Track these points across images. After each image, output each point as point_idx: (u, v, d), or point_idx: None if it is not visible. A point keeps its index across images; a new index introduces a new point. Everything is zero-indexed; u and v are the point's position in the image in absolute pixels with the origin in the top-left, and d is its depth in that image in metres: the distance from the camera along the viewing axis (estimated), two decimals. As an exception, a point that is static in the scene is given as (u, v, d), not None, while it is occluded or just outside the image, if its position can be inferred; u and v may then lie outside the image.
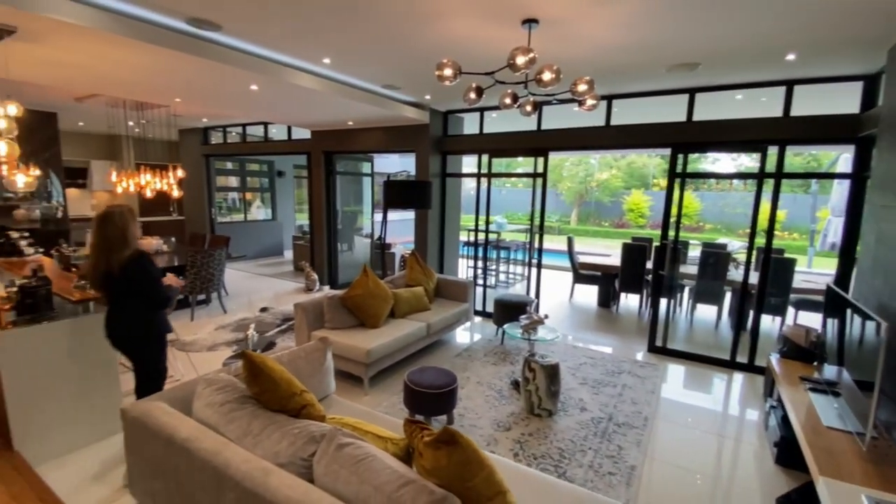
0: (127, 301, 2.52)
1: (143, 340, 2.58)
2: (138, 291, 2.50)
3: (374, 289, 4.10)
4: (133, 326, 2.54)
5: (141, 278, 2.47)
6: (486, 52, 3.38)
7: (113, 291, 2.50)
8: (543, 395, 3.33)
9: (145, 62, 3.39)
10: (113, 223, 2.41)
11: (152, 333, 2.59)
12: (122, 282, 2.45)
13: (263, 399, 2.00)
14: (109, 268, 2.42)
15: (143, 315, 2.54)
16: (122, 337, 2.57)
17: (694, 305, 6.33)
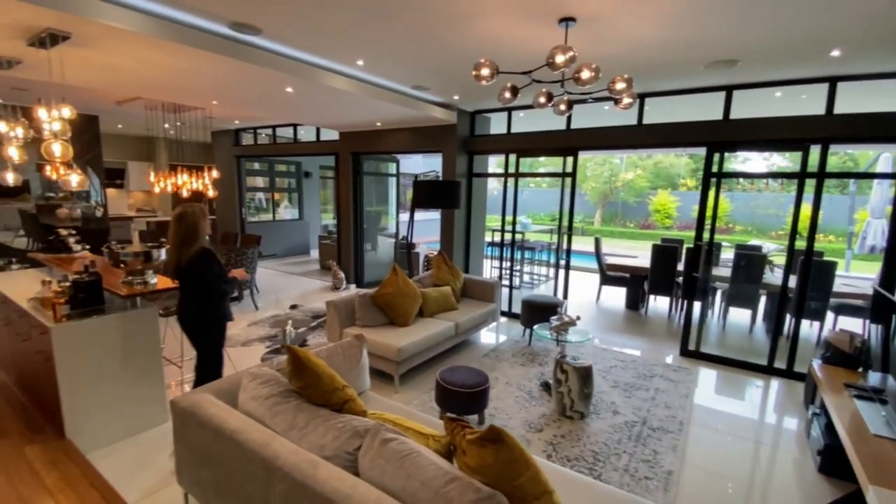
0: (191, 291, 2.77)
1: (204, 327, 2.81)
2: (199, 283, 2.72)
3: (403, 287, 4.14)
4: (196, 314, 2.78)
5: (203, 271, 2.69)
6: (521, 51, 3.37)
7: (182, 284, 2.77)
8: (576, 398, 3.30)
9: (189, 66, 3.51)
10: (187, 221, 2.68)
11: (213, 321, 2.82)
12: (188, 273, 2.69)
13: (307, 393, 2.04)
14: (180, 262, 2.68)
15: (203, 304, 2.77)
16: (188, 323, 2.82)
17: (726, 309, 6.17)
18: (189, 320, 2.79)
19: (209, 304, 2.77)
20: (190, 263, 2.66)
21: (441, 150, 5.97)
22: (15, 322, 3.10)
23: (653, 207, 18.58)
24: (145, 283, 3.00)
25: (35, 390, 3.02)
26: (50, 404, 2.78)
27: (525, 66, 3.49)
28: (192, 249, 2.66)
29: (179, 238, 2.68)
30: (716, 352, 4.76)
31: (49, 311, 2.74)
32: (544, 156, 6.04)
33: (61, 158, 2.90)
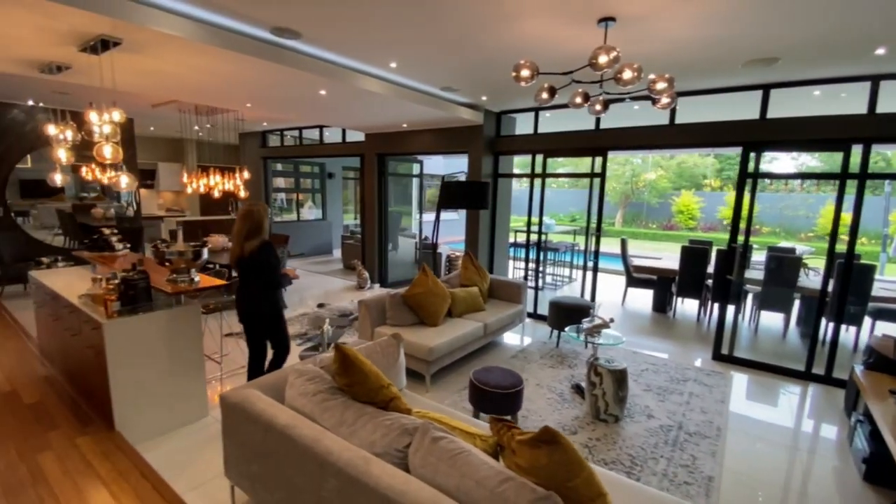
0: (252, 281, 3.01)
1: (271, 316, 3.09)
2: (261, 272, 2.97)
3: (433, 288, 4.16)
4: (259, 303, 3.03)
5: (264, 262, 2.95)
6: (558, 51, 3.36)
7: (243, 273, 3.01)
8: (610, 401, 3.27)
9: (230, 70, 3.60)
10: (253, 217, 2.95)
11: (276, 309, 3.10)
12: (250, 263, 2.95)
13: (353, 390, 2.08)
14: (243, 253, 2.94)
15: (263, 293, 3.03)
16: (250, 313, 3.06)
17: (758, 312, 6.03)
18: (252, 309, 3.03)
19: (269, 292, 3.04)
20: (252, 254, 2.92)
21: (467, 150, 5.98)
22: (65, 318, 3.22)
23: (676, 208, 18.25)
24: (191, 280, 3.09)
25: (84, 383, 3.14)
26: (99, 397, 2.88)
27: (561, 67, 3.48)
28: (255, 242, 2.93)
29: (245, 231, 2.94)
30: (749, 356, 4.65)
31: (100, 307, 2.85)
32: (572, 156, 6.00)
33: (111, 160, 3.01)
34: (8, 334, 4.52)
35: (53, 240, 7.45)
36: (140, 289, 2.80)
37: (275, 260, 2.99)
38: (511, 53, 3.49)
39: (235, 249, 2.97)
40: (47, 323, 3.69)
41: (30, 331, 4.55)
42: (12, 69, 3.69)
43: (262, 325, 3.10)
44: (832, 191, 16.32)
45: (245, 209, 2.98)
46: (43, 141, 6.73)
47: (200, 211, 11.34)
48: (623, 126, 5.04)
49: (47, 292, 3.51)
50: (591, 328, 3.68)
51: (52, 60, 3.39)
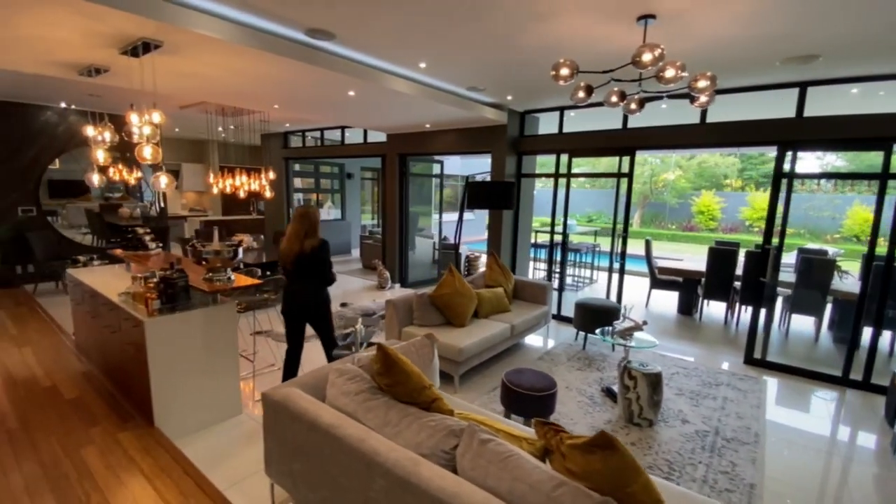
0: (309, 277, 3.20)
1: (322, 309, 3.31)
2: (318, 270, 3.19)
3: (460, 288, 4.15)
4: (314, 298, 3.25)
5: (323, 260, 3.19)
6: (593, 49, 3.32)
7: (299, 270, 3.17)
8: (644, 405, 3.22)
9: (264, 72, 3.63)
10: (308, 217, 3.17)
11: (327, 303, 3.33)
12: (311, 261, 3.15)
13: (395, 391, 2.07)
14: (302, 250, 3.13)
15: (319, 288, 3.26)
16: (304, 307, 3.25)
17: (789, 316, 5.88)
18: (306, 303, 3.24)
19: (323, 287, 3.28)
20: (313, 251, 3.14)
21: (490, 150, 5.95)
22: (104, 315, 3.29)
23: (696, 209, 17.94)
24: (227, 279, 3.12)
25: (123, 379, 3.20)
26: (139, 393, 2.93)
27: (596, 65, 3.44)
28: (314, 240, 3.16)
29: (303, 231, 3.15)
30: (782, 360, 4.54)
31: (140, 305, 2.90)
32: (598, 156, 5.93)
33: (152, 160, 3.06)
34: (45, 331, 4.64)
35: (83, 239, 7.62)
36: (179, 287, 2.84)
37: (328, 257, 3.24)
38: (543, 52, 3.46)
39: (294, 247, 3.13)
40: (85, 320, 3.78)
41: (65, 327, 4.67)
42: (52, 71, 3.78)
43: (313, 318, 3.30)
44: (862, 191, 15.89)
45: (301, 210, 3.20)
46: (75, 142, 6.92)
47: (222, 211, 11.52)
48: (651, 125, 4.96)
49: (86, 290, 3.59)
50: (623, 331, 3.62)
51: (91, 63, 3.46)
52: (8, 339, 4.37)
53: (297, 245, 3.13)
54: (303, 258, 3.14)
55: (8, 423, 2.87)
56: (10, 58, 3.44)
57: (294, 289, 3.22)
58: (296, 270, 3.18)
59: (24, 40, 3.02)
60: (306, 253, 3.13)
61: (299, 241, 3.13)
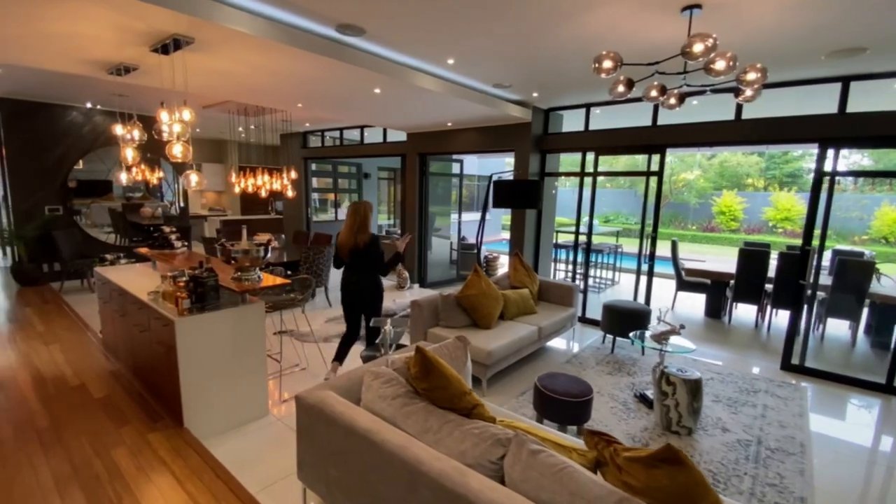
0: (362, 270, 3.52)
1: (375, 298, 3.60)
2: (372, 262, 3.49)
3: (486, 289, 4.06)
4: (369, 287, 3.55)
5: (375, 253, 3.47)
6: (631, 42, 3.20)
7: (354, 262, 3.50)
8: (684, 412, 3.09)
9: (291, 68, 3.59)
10: (359, 213, 3.45)
11: (380, 292, 3.62)
12: (362, 255, 3.45)
13: (434, 395, 1.99)
14: (355, 244, 3.43)
15: (372, 278, 3.55)
16: (358, 296, 3.57)
17: (825, 320, 5.66)
18: (361, 292, 3.56)
19: (376, 276, 3.57)
20: (366, 245, 3.43)
21: (514, 148, 5.85)
22: (132, 314, 3.28)
23: (717, 209, 17.55)
24: (258, 279, 3.08)
25: (152, 379, 3.18)
26: (169, 393, 2.91)
27: (635, 59, 3.32)
28: (367, 235, 3.44)
29: (357, 226, 3.44)
30: (821, 366, 4.35)
31: (170, 304, 2.87)
32: (626, 154, 5.79)
33: (182, 159, 3.03)
34: (72, 328, 4.68)
35: (107, 237, 7.72)
36: (209, 287, 2.80)
37: (381, 251, 3.53)
38: (578, 47, 3.35)
39: (349, 241, 3.45)
40: (113, 318, 3.78)
41: (92, 325, 4.70)
42: (82, 70, 3.79)
43: (365, 307, 3.60)
44: (883, 191, 15.38)
45: (353, 207, 3.48)
46: (100, 142, 7.00)
47: (241, 210, 11.60)
48: (682, 122, 4.81)
49: (114, 288, 3.59)
50: (658, 335, 3.49)
51: (121, 61, 3.46)
52: (36, 336, 4.41)
53: (351, 239, 3.43)
54: (356, 251, 3.44)
55: (38, 423, 2.87)
56: (40, 56, 3.46)
57: (350, 280, 3.55)
58: (351, 263, 3.51)
59: (55, 37, 3.01)
60: (359, 247, 3.42)
61: (353, 235, 3.43)
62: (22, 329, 4.62)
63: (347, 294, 3.58)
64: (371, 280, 3.55)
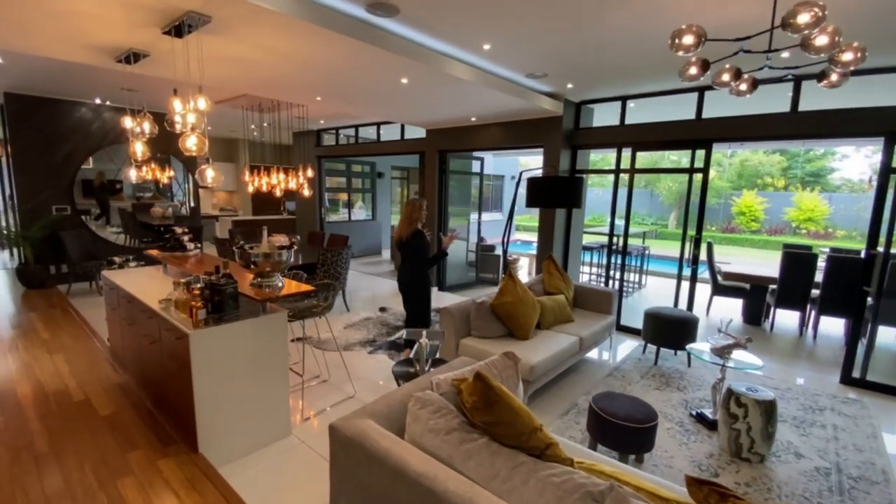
0: (406, 262, 3.89)
1: (408, 290, 3.90)
2: (411, 255, 3.84)
3: (523, 296, 3.73)
4: (404, 279, 3.91)
5: (415, 246, 3.81)
6: (701, 19, 2.86)
7: (401, 253, 3.89)
8: (757, 437, 2.74)
9: (314, 55, 3.28)
10: (406, 209, 3.86)
11: (418, 285, 3.89)
12: (405, 248, 3.84)
13: (496, 431, 1.68)
14: (401, 236, 3.81)
15: (411, 271, 3.87)
16: (402, 286, 3.92)
17: (873, 329, 5.26)
18: (403, 283, 3.90)
19: (415, 270, 3.85)
20: (407, 239, 3.79)
21: (542, 144, 5.51)
22: (142, 323, 2.99)
23: (737, 209, 17.06)
24: (280, 285, 2.78)
25: (163, 396, 2.89)
26: (181, 414, 2.61)
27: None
28: (409, 230, 3.78)
29: (403, 220, 3.86)
30: (885, 380, 3.97)
31: (182, 314, 2.58)
32: (667, 149, 5.45)
33: (196, 152, 2.74)
34: (78, 335, 4.41)
35: (118, 238, 7.49)
36: (228, 295, 2.50)
37: (421, 245, 3.82)
38: (631, 30, 3.02)
39: (397, 233, 3.86)
40: (121, 327, 3.50)
41: (100, 332, 4.43)
42: (87, 58, 3.51)
43: (404, 297, 3.92)
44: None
45: (409, 201, 3.87)
46: (109, 140, 6.76)
47: (253, 210, 11.36)
48: (730, 115, 4.45)
49: (122, 294, 3.31)
50: (721, 348, 3.14)
51: (131, 47, 3.17)
52: (40, 344, 4.15)
53: (398, 232, 3.85)
54: (400, 244, 3.83)
55: (37, 446, 2.58)
56: (42, 41, 3.17)
57: (399, 270, 3.98)
58: (400, 255, 3.92)
59: (57, 17, 2.72)
60: (403, 240, 3.81)
61: (400, 228, 3.84)
62: (25, 335, 4.36)
63: (399, 288, 3.98)
64: (407, 272, 3.87)
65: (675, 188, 17.71)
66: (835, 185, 16.77)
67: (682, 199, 17.97)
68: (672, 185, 17.67)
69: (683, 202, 18.19)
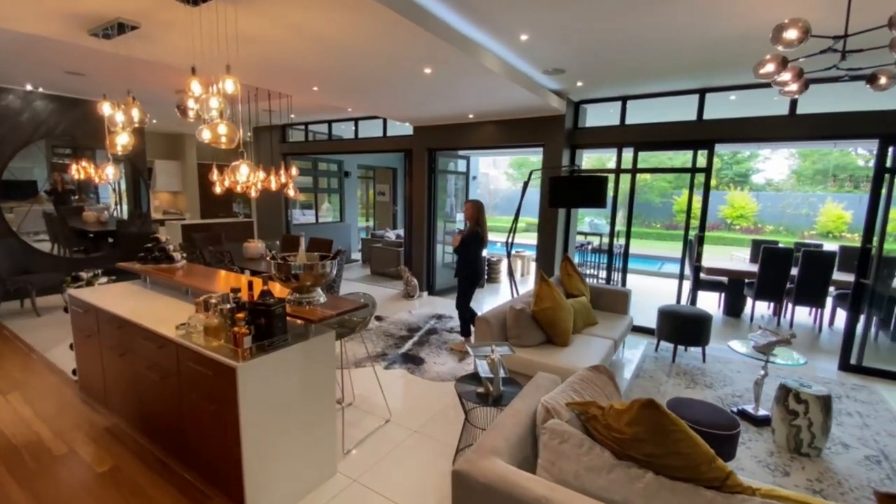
0: (460, 256, 4.50)
1: (464, 283, 4.50)
2: (464, 251, 4.44)
3: (560, 301, 3.58)
4: (460, 272, 4.51)
5: (465, 244, 4.43)
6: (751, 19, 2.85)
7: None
8: (818, 432, 2.78)
9: (342, 33, 2.84)
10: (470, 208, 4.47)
11: (466, 279, 4.50)
12: (462, 244, 4.43)
13: (666, 462, 1.48)
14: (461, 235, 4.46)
15: (462, 267, 4.50)
16: (459, 279, 4.55)
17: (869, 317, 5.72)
18: (458, 274, 4.54)
19: (466, 268, 4.49)
20: (464, 237, 4.42)
21: (544, 143, 5.42)
22: (144, 354, 2.45)
23: (677, 208, 18.27)
24: (320, 301, 2.39)
25: (184, 442, 2.37)
26: (218, 462, 2.15)
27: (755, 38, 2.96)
28: (467, 230, 4.44)
29: (469, 220, 4.46)
30: (880, 365, 4.28)
31: (215, 341, 2.12)
32: (669, 150, 5.57)
33: (227, 143, 2.27)
34: (30, 368, 3.62)
35: (41, 246, 6.38)
36: (277, 317, 2.09)
37: (472, 245, 4.43)
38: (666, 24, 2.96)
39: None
40: (102, 358, 2.88)
41: (57, 362, 3.68)
42: (53, 27, 2.82)
43: (461, 289, 4.52)
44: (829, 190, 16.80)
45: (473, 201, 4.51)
46: (42, 133, 5.74)
47: (202, 213, 10.31)
48: (730, 117, 4.60)
49: (107, 318, 2.72)
50: (765, 345, 3.18)
51: (119, 15, 2.57)
52: (-22, 381, 3.35)
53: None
54: (462, 241, 4.43)
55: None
56: None
57: (458, 264, 4.59)
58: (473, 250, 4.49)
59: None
60: (464, 237, 4.44)
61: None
62: (-46, 372, 3.51)
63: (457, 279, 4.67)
64: (461, 268, 4.54)
65: (624, 188, 18.59)
66: (759, 185, 18.50)
67: (627, 199, 18.95)
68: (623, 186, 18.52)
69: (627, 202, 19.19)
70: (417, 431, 2.97)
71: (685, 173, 4.99)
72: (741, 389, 3.78)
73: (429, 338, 4.86)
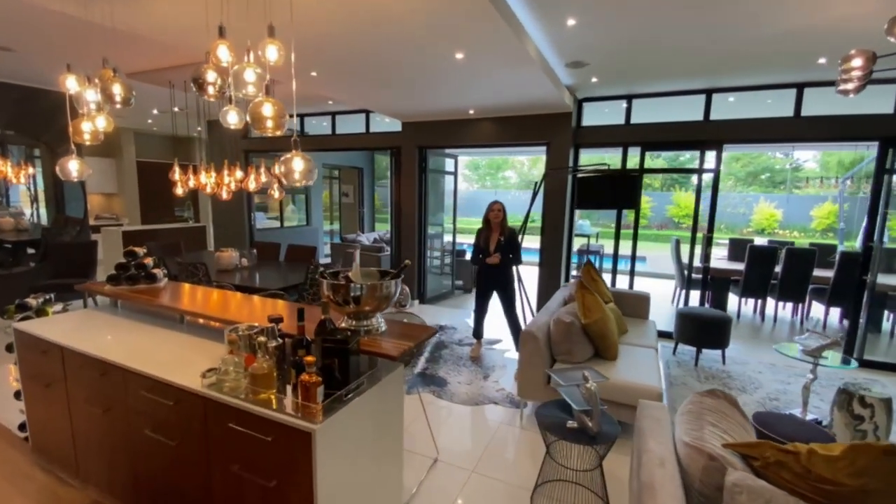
0: (504, 257, 4.12)
1: (510, 283, 4.23)
2: (509, 252, 4.12)
3: (606, 311, 3.32)
4: (506, 274, 4.20)
5: (511, 245, 4.12)
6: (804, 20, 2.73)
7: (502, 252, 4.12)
8: (883, 435, 2.73)
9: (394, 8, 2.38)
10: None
11: (514, 279, 4.28)
12: (506, 246, 4.09)
13: (790, 485, 1.22)
14: (503, 236, 4.12)
15: (509, 266, 4.20)
16: (500, 281, 4.19)
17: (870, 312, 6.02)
18: (501, 279, 4.18)
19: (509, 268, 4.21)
20: (508, 238, 4.13)
21: (548, 141, 5.18)
22: (155, 412, 1.85)
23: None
24: (381, 329, 1.92)
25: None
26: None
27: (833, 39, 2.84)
28: (506, 229, 4.15)
29: (501, 222, 4.15)
30: (879, 358, 4.46)
31: (263, 391, 1.60)
32: (675, 150, 5.54)
33: (273, 126, 1.73)
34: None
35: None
36: (351, 354, 1.61)
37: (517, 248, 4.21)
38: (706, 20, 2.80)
39: (496, 237, 4.18)
40: (73, 414, 2.19)
41: (-12, 415, 2.84)
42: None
43: (508, 289, 4.26)
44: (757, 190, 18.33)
45: (499, 205, 4.17)
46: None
47: (142, 218, 9.09)
48: (737, 117, 4.61)
49: (82, 363, 2.05)
50: (815, 349, 3.11)
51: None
52: None
53: (499, 234, 4.17)
54: (499, 245, 4.14)
55: None
56: None
57: (495, 269, 4.22)
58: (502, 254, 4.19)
59: None
60: (504, 238, 4.16)
61: (499, 231, 4.17)
62: None
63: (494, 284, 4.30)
64: (509, 268, 4.29)
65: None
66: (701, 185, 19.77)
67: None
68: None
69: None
70: (476, 472, 2.57)
71: (692, 174, 4.96)
72: (774, 392, 3.75)
73: (440, 353, 4.44)
